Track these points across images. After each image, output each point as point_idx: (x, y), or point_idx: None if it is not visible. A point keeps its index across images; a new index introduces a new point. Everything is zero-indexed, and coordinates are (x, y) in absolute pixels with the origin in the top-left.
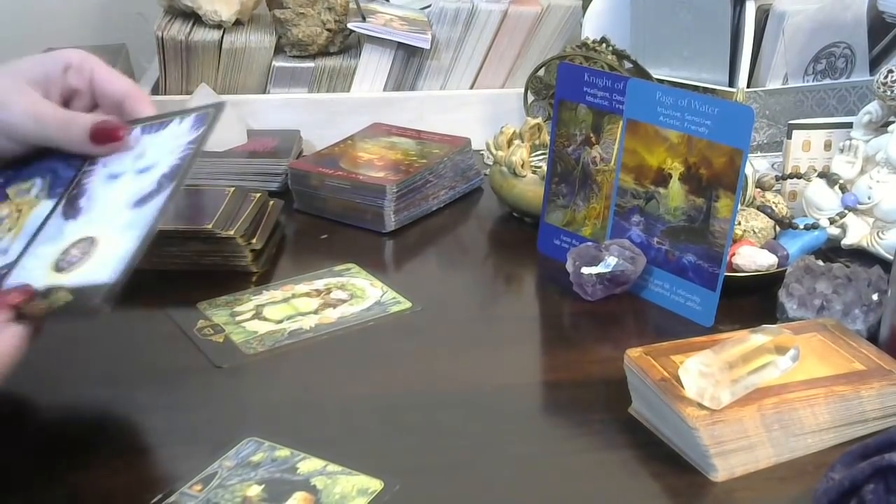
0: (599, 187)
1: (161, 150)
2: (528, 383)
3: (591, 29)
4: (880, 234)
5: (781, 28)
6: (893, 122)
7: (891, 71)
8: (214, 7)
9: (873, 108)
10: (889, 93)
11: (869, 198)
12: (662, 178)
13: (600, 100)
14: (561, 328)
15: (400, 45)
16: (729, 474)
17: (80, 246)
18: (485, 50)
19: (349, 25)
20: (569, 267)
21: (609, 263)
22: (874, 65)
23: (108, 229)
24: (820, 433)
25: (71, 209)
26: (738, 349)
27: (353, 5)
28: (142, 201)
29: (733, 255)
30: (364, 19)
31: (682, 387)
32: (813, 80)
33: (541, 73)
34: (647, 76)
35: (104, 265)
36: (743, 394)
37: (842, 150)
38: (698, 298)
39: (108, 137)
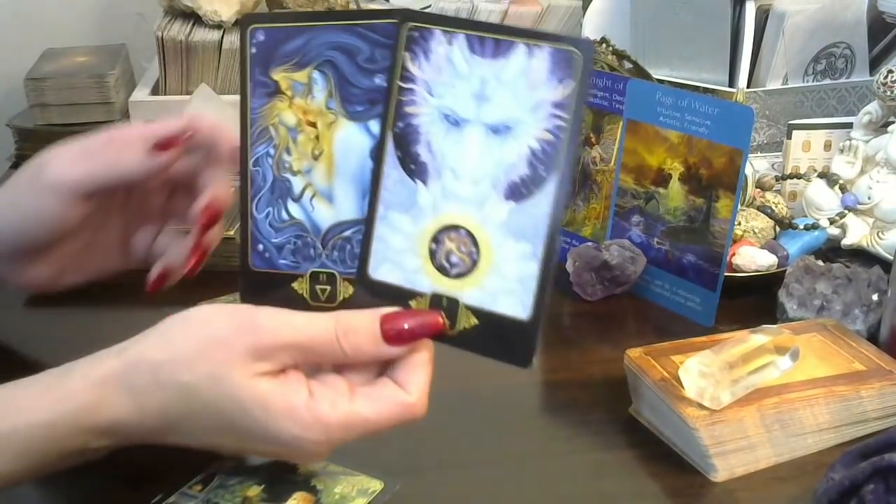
0: (599, 187)
1: (511, 98)
2: (528, 383)
3: (591, 29)
4: (880, 234)
5: (781, 28)
6: (893, 122)
7: (891, 71)
8: (214, 7)
9: (873, 108)
10: (889, 93)
11: (869, 198)
12: (662, 179)
13: (600, 100)
14: (561, 328)
15: None
16: (729, 474)
17: (454, 238)
18: None
19: None
20: (569, 267)
21: (609, 264)
22: (874, 65)
23: (483, 225)
24: (820, 433)
25: (412, 161)
26: (738, 349)
27: (352, 6)
28: (516, 191)
29: (733, 255)
30: None
31: (682, 387)
32: (813, 81)
33: None
34: (647, 76)
35: (506, 290)
36: (743, 394)
37: (842, 151)
38: (698, 298)
39: (171, 144)
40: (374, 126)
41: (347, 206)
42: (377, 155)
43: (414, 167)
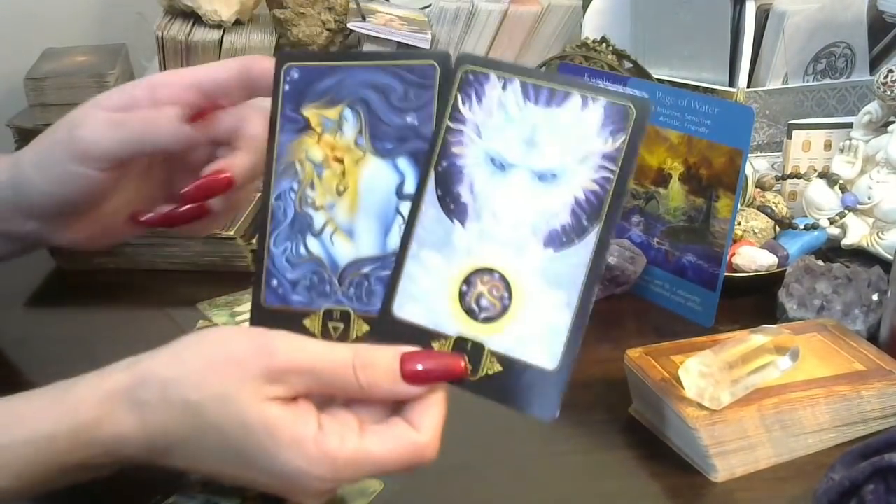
0: None
1: (561, 147)
2: None
3: (591, 29)
4: (880, 234)
5: (781, 28)
6: (893, 122)
7: (891, 71)
8: (214, 7)
9: (873, 108)
10: (889, 93)
11: (869, 198)
12: (662, 179)
13: None
14: None
15: (400, 45)
16: (729, 474)
17: (487, 282)
18: (485, 50)
19: (349, 25)
20: None
21: (609, 264)
22: (874, 65)
23: (519, 270)
24: (820, 433)
25: (452, 201)
26: (738, 349)
27: (353, 5)
28: (556, 239)
29: (733, 255)
30: (364, 19)
31: (682, 387)
32: (813, 80)
33: None
34: (647, 76)
35: (535, 338)
36: (743, 394)
37: (842, 150)
38: (698, 298)
39: (206, 112)
40: (403, 163)
41: (368, 242)
42: (417, 192)
43: (453, 207)
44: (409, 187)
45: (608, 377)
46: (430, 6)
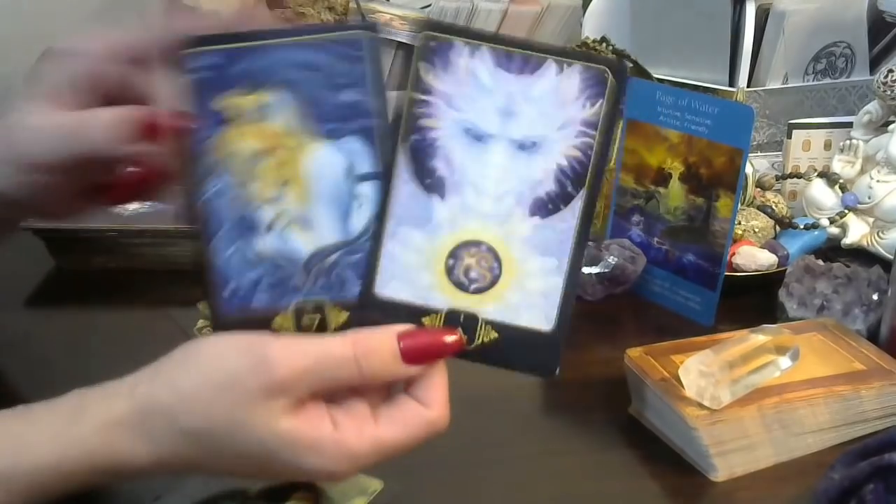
0: None
1: (539, 115)
2: (528, 383)
3: (591, 29)
4: (880, 233)
5: (781, 28)
6: (893, 121)
7: (891, 71)
8: (214, 7)
9: (873, 107)
10: (889, 92)
11: (869, 197)
12: (662, 178)
13: None
14: None
15: (400, 44)
16: (729, 474)
17: (474, 254)
18: None
19: None
20: None
21: (609, 263)
22: (874, 64)
23: (506, 239)
24: (820, 433)
25: (427, 176)
26: (738, 349)
27: (353, 5)
28: (542, 207)
29: (733, 254)
30: (364, 19)
31: (683, 387)
32: (813, 80)
33: None
34: (647, 76)
35: (529, 305)
36: (743, 394)
37: (842, 150)
38: (698, 298)
39: (167, 131)
40: (350, 143)
41: (328, 229)
42: (386, 169)
43: (430, 182)
44: (363, 167)
45: (608, 377)
46: (430, 6)
